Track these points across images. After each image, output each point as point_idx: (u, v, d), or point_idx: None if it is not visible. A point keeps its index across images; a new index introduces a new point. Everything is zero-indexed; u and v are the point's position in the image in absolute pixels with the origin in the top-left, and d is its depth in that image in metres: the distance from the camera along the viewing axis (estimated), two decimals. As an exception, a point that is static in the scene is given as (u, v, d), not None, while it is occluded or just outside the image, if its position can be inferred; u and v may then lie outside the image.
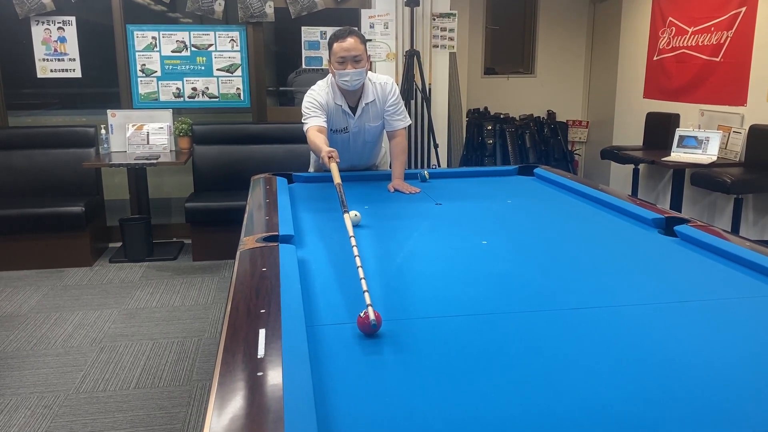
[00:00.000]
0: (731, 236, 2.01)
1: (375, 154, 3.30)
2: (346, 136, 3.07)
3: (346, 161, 3.21)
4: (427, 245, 2.12)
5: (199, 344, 3.23)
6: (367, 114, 3.03)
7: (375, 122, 3.06)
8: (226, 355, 1.20)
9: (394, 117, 3.06)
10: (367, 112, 3.03)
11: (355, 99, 2.99)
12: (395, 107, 3.05)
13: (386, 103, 3.02)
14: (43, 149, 4.80)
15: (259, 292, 1.53)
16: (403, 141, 3.12)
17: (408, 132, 4.90)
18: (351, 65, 2.80)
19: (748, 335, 1.36)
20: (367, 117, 3.04)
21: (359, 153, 3.19)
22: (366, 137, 3.10)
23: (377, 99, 3.01)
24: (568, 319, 1.46)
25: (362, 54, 2.82)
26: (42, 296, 3.90)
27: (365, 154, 3.23)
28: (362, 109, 3.00)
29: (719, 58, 4.60)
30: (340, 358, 1.26)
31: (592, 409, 1.06)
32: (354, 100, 2.99)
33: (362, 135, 3.09)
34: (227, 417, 0.97)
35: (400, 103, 3.09)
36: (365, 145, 3.16)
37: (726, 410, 1.06)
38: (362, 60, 2.82)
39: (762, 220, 4.30)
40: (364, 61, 2.83)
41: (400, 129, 3.10)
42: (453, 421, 1.03)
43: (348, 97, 2.97)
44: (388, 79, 3.07)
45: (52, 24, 4.76)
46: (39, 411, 2.61)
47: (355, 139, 3.10)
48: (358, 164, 3.26)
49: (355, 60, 2.79)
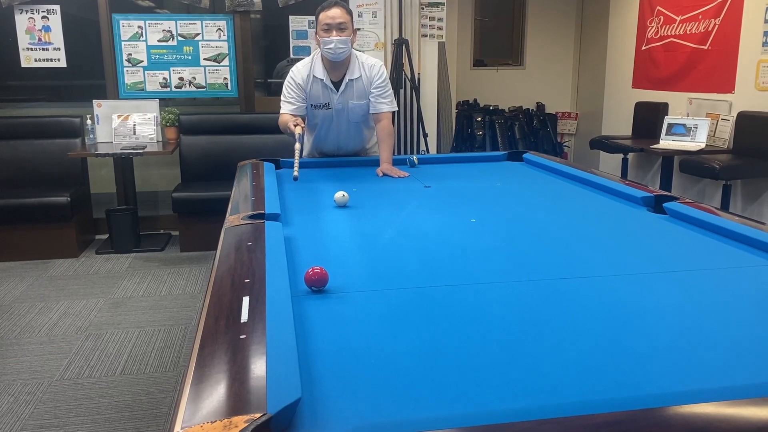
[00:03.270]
0: (719, 211, 2.00)
1: (364, 138, 3.26)
2: (329, 113, 3.03)
3: (332, 143, 3.20)
4: (416, 223, 2.10)
5: (186, 332, 3.20)
6: (351, 90, 2.98)
7: (359, 101, 3.01)
8: (208, 319, 1.17)
9: (379, 99, 3.01)
10: (351, 88, 2.98)
11: (340, 74, 2.95)
12: (381, 89, 3.01)
13: (372, 84, 2.99)
14: (27, 140, 4.74)
15: (244, 263, 1.50)
16: (389, 125, 3.08)
17: (397, 121, 4.88)
18: (336, 32, 2.80)
19: (732, 300, 1.35)
20: (350, 94, 2.99)
21: (345, 133, 3.15)
22: (350, 116, 3.05)
23: (363, 77, 2.97)
24: (554, 287, 1.45)
25: (347, 23, 2.82)
26: (27, 286, 3.85)
27: (351, 135, 3.18)
28: (346, 84, 2.96)
29: (707, 46, 4.61)
30: (325, 323, 1.24)
31: (577, 365, 1.05)
32: (338, 75, 2.95)
33: (346, 113, 3.03)
34: (209, 376, 0.95)
35: (387, 86, 3.05)
36: (350, 126, 3.11)
37: (707, 363, 1.05)
38: (347, 29, 2.82)
39: (750, 206, 4.31)
40: (349, 30, 2.83)
41: (386, 112, 3.05)
42: (438, 378, 1.01)
43: (332, 71, 2.94)
44: (378, 62, 3.05)
45: (36, 13, 4.69)
46: (22, 398, 2.57)
47: (338, 117, 3.05)
48: (345, 146, 3.22)
49: (340, 28, 2.80)
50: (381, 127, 3.05)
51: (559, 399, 0.95)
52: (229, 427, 0.80)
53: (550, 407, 0.92)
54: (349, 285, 1.45)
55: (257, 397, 0.87)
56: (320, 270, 1.41)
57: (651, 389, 0.98)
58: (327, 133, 3.15)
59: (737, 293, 1.40)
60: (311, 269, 1.41)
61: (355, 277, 1.52)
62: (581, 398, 0.95)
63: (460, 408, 0.93)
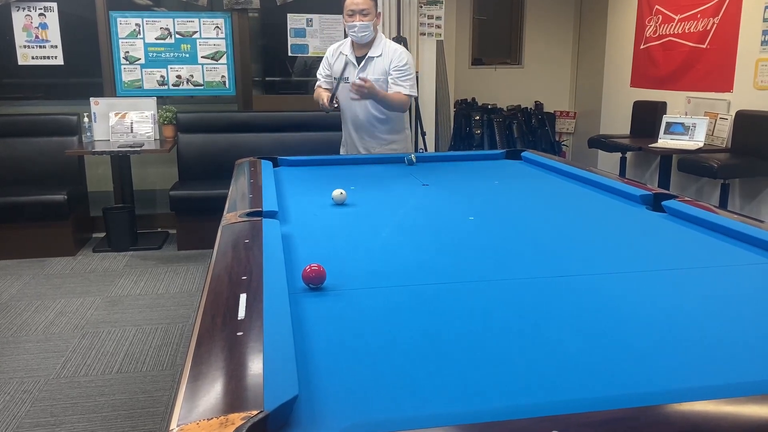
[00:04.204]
0: (719, 210, 1.99)
1: (384, 127, 3.34)
2: (347, 87, 3.21)
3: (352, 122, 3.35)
4: (414, 221, 2.10)
5: (183, 330, 3.19)
6: (371, 67, 3.22)
7: (377, 76, 3.18)
8: (205, 317, 1.16)
9: (398, 82, 3.17)
10: (371, 64, 3.22)
11: (364, 52, 3.22)
12: (401, 73, 3.16)
13: (392, 65, 3.17)
14: (24, 138, 4.72)
15: (241, 260, 1.49)
16: (404, 98, 3.19)
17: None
18: (359, 17, 3.08)
19: (731, 298, 1.35)
20: (371, 69, 3.21)
21: (365, 114, 3.28)
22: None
23: (385, 56, 3.19)
24: (553, 285, 1.44)
25: (370, 9, 3.11)
26: (23, 284, 3.84)
27: (370, 117, 3.29)
28: (366, 60, 3.21)
29: (705, 45, 4.61)
30: (323, 321, 1.23)
31: (576, 362, 1.04)
32: (363, 52, 3.23)
33: None
34: (205, 373, 0.94)
35: (408, 71, 3.19)
36: (368, 105, 3.24)
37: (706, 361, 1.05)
38: (370, 14, 3.11)
39: (749, 205, 4.31)
40: (372, 15, 3.12)
41: (403, 95, 3.18)
42: (435, 376, 1.00)
43: (358, 49, 3.24)
44: (404, 49, 3.26)
45: (33, 10, 4.68)
46: (18, 396, 2.56)
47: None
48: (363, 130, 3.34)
49: (362, 13, 3.08)
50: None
51: (558, 396, 0.94)
52: (226, 424, 0.79)
53: (549, 405, 0.91)
54: (347, 282, 1.45)
55: (254, 394, 0.86)
56: (318, 267, 1.40)
57: (650, 387, 0.97)
58: (347, 113, 3.35)
59: (737, 291, 1.40)
60: (309, 266, 1.41)
61: (352, 274, 1.51)
62: (581, 396, 0.94)
63: (458, 405, 0.92)
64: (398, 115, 3.34)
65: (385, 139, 3.37)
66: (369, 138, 3.36)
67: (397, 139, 3.41)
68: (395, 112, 3.26)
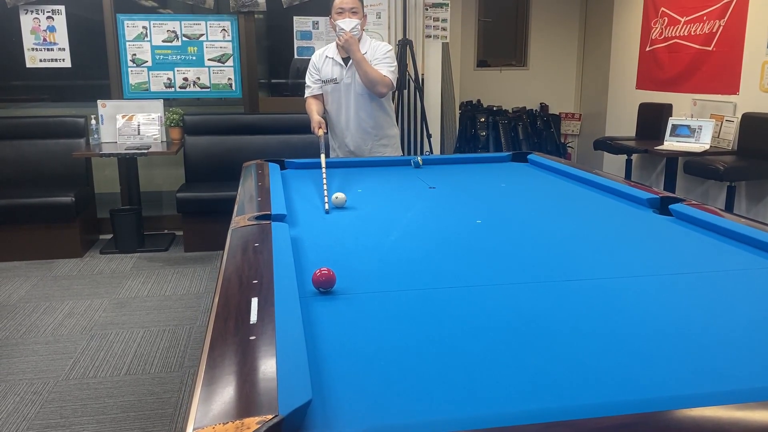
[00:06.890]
0: (726, 213, 2.00)
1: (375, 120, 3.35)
2: (338, 87, 3.30)
3: (344, 125, 3.36)
4: (421, 224, 2.11)
5: (191, 332, 3.20)
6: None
7: None
8: (217, 321, 1.17)
9: (380, 65, 3.22)
10: None
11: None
12: (383, 58, 3.24)
13: (374, 55, 3.24)
14: (32, 140, 4.75)
15: (252, 264, 1.50)
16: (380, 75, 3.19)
17: (400, 121, 4.89)
18: (348, 15, 3.16)
19: (740, 302, 1.35)
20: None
21: (355, 113, 3.30)
22: (357, 89, 3.27)
23: (369, 53, 3.24)
24: (561, 289, 1.45)
25: (358, 8, 3.20)
26: (31, 286, 3.86)
27: (361, 117, 3.31)
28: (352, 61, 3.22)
29: (711, 47, 4.60)
30: (334, 325, 1.24)
31: (585, 367, 1.05)
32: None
33: (353, 87, 3.27)
34: (220, 377, 0.95)
35: (390, 59, 3.27)
36: (359, 101, 3.28)
37: (716, 366, 1.05)
38: (358, 12, 3.20)
39: (755, 208, 4.30)
40: (360, 14, 3.21)
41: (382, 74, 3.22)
42: (447, 380, 1.01)
43: (343, 51, 3.25)
44: (387, 44, 3.37)
45: (41, 13, 4.70)
46: (28, 397, 2.58)
47: (347, 91, 3.29)
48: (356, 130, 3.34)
49: (352, 11, 3.17)
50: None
51: (567, 402, 0.95)
52: (241, 428, 0.80)
53: (559, 410, 0.92)
54: (357, 286, 1.46)
55: (268, 398, 0.88)
56: (328, 271, 1.42)
57: (660, 392, 0.98)
58: (338, 114, 3.35)
59: (746, 295, 1.40)
60: (319, 270, 1.42)
61: (362, 278, 1.52)
62: (590, 401, 0.95)
63: (469, 410, 0.93)
64: (385, 115, 3.39)
65: (376, 134, 3.39)
66: (359, 136, 3.37)
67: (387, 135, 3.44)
68: (374, 89, 3.22)
